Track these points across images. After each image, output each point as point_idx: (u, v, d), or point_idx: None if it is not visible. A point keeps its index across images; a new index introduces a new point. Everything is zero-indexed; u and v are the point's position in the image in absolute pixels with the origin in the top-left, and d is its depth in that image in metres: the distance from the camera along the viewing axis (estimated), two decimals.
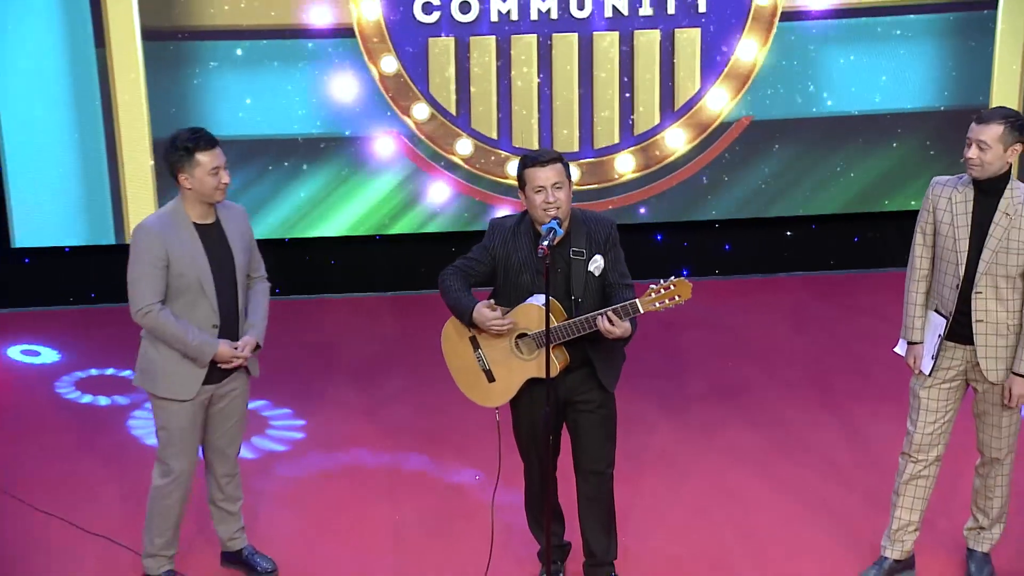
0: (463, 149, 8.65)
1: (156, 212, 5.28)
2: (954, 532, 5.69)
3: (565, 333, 4.98)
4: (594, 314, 4.94)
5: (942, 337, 5.18)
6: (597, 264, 5.11)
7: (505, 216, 5.28)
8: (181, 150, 5.04)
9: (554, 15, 8.44)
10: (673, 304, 4.89)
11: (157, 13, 8.27)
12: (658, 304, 4.89)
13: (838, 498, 6.17)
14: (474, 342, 5.20)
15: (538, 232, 5.02)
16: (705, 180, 8.86)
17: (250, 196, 8.36)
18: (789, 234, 9.17)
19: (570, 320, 4.98)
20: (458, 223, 8.76)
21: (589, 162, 8.73)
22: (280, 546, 5.81)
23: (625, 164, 8.76)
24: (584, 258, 5.09)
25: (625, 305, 4.90)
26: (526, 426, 5.28)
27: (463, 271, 5.19)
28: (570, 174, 5.08)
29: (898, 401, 5.43)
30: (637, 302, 4.89)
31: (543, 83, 8.57)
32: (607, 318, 4.89)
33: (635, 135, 8.72)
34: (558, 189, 4.99)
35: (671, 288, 4.87)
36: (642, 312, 4.90)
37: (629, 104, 8.64)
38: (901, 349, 5.37)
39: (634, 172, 8.78)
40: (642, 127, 8.70)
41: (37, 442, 6.88)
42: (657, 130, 8.71)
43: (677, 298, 4.88)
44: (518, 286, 5.12)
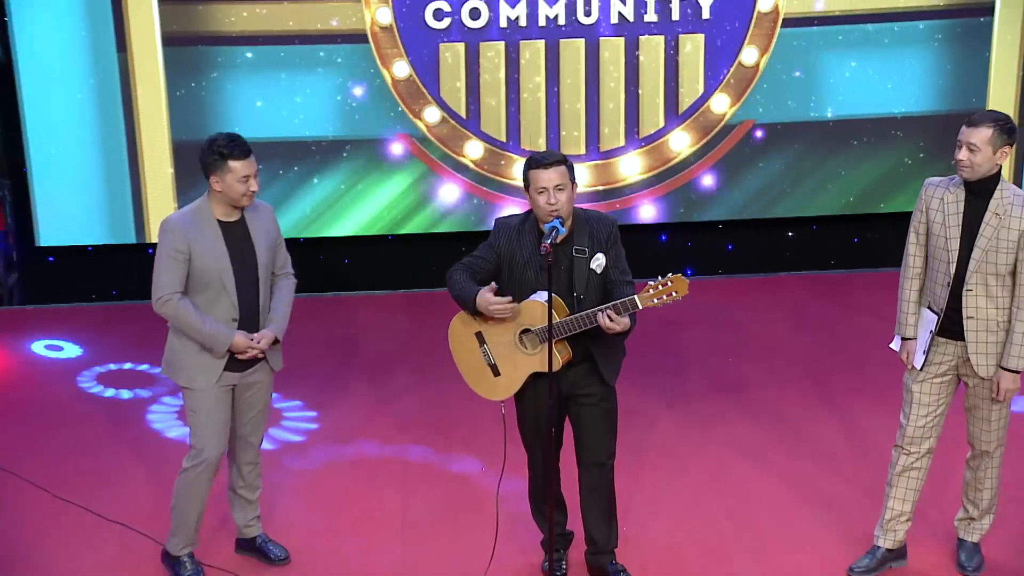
0: (473, 151, 8.68)
1: (182, 209, 5.31)
2: (945, 523, 5.70)
3: (567, 328, 5.00)
4: (595, 310, 4.95)
5: (933, 333, 5.19)
6: (599, 262, 5.12)
7: (510, 215, 5.30)
8: (216, 154, 5.09)
9: (562, 21, 8.47)
10: (670, 300, 4.90)
11: (177, 19, 8.31)
12: (656, 300, 4.91)
13: (833, 489, 6.17)
14: (480, 337, 5.22)
15: (542, 231, 5.04)
16: (708, 182, 8.87)
17: (266, 197, 8.31)
18: (790, 235, 9.18)
19: (572, 316, 5.00)
20: (468, 223, 8.78)
21: (595, 164, 8.76)
22: (292, 534, 5.82)
23: (631, 166, 8.79)
24: (586, 256, 5.10)
25: (624, 301, 4.92)
26: (530, 419, 5.29)
27: (469, 268, 5.20)
28: (574, 176, 5.08)
29: (893, 396, 5.44)
30: (636, 298, 4.91)
31: (551, 87, 8.59)
32: (607, 314, 4.91)
33: (640, 138, 8.74)
34: (560, 191, 5.00)
35: (668, 285, 4.89)
36: (640, 308, 4.91)
37: (634, 108, 8.66)
38: (895, 345, 5.38)
39: (639, 174, 8.81)
40: (647, 130, 8.73)
41: (59, 433, 6.91)
42: (662, 133, 8.73)
43: (674, 294, 4.89)
44: (522, 283, 5.13)
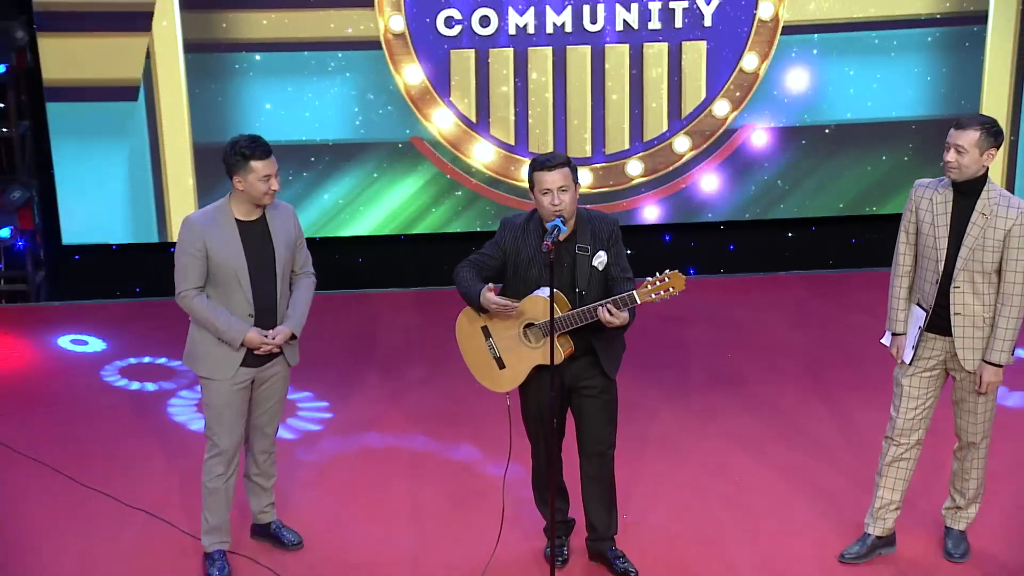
0: (483, 154, 8.67)
1: (205, 207, 5.35)
2: (933, 511, 5.72)
3: (569, 323, 5.03)
4: (595, 305, 4.98)
5: (922, 329, 5.22)
6: (600, 259, 5.15)
7: (516, 214, 5.31)
8: (238, 155, 5.13)
9: (568, 28, 8.45)
10: (668, 295, 4.94)
11: (198, 27, 8.30)
12: (654, 295, 4.94)
13: (826, 480, 6.18)
14: (485, 331, 5.25)
15: (546, 229, 5.05)
16: (710, 184, 8.83)
17: (284, 197, 8.19)
18: (790, 235, 9.13)
19: (574, 311, 5.03)
20: (477, 223, 8.75)
21: (601, 166, 8.74)
22: (306, 521, 5.85)
23: (635, 168, 8.77)
24: (588, 254, 5.13)
25: (623, 296, 4.95)
26: (533, 410, 5.32)
27: (476, 265, 5.23)
28: (577, 177, 5.10)
29: (886, 391, 5.43)
30: (635, 293, 4.94)
31: (558, 92, 8.56)
32: (607, 308, 4.94)
33: (644, 141, 8.70)
34: (564, 192, 5.02)
35: (666, 281, 4.92)
36: (639, 303, 4.94)
37: (639, 112, 8.63)
38: (886, 340, 5.41)
39: (643, 176, 8.79)
40: (651, 133, 8.69)
41: (83, 424, 6.94)
42: (665, 136, 8.70)
43: (671, 289, 4.92)
44: (527, 279, 5.16)
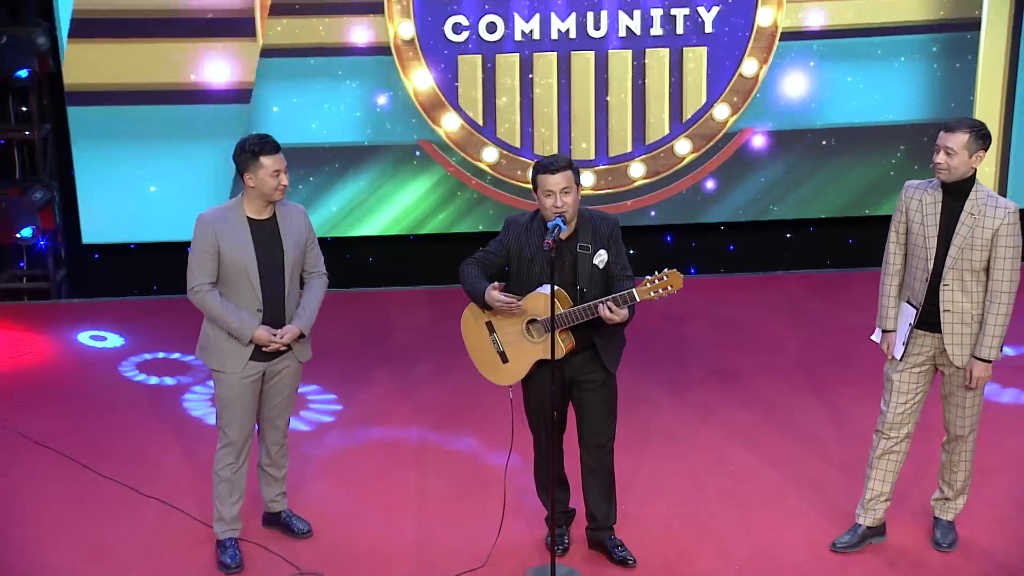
0: (489, 157, 8.72)
1: (217, 206, 5.38)
2: (923, 503, 5.73)
3: (571, 319, 5.05)
4: (596, 302, 5.00)
5: (912, 326, 5.23)
6: (601, 258, 5.16)
7: (520, 214, 5.34)
8: (248, 153, 5.17)
9: (573, 35, 8.49)
10: (666, 293, 4.95)
11: None
12: (652, 293, 4.95)
13: (819, 471, 6.20)
14: (489, 327, 5.27)
15: (548, 229, 5.04)
16: (711, 186, 8.87)
17: (296, 198, 8.34)
18: (788, 235, 9.17)
19: (575, 307, 5.05)
20: (484, 224, 8.79)
21: (604, 169, 8.78)
22: (316, 510, 5.87)
23: (637, 171, 8.80)
24: (589, 252, 5.15)
25: (623, 294, 4.97)
26: (535, 403, 5.34)
27: (481, 263, 5.25)
28: (579, 179, 5.12)
29: (878, 386, 5.46)
30: (634, 291, 4.96)
31: (562, 96, 8.60)
32: (607, 305, 4.96)
33: (646, 144, 8.73)
34: (566, 194, 5.04)
35: (664, 279, 4.94)
36: (638, 300, 4.96)
37: (641, 116, 8.66)
38: (876, 337, 5.43)
39: (645, 178, 8.82)
40: (653, 137, 8.72)
41: (102, 416, 6.97)
42: (667, 140, 8.73)
43: (670, 288, 4.94)
44: (529, 277, 5.18)
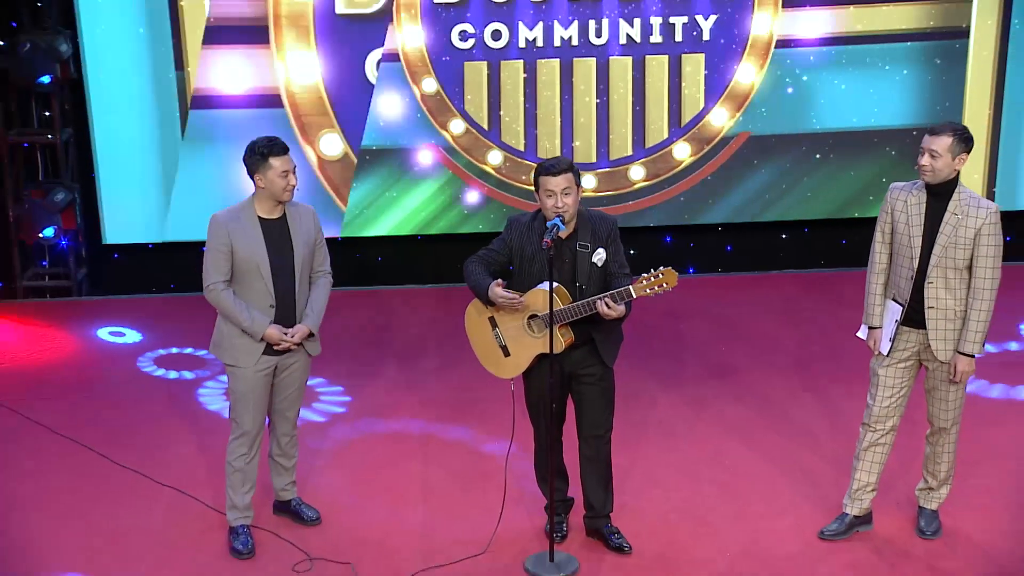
0: (494, 160, 8.70)
1: (231, 206, 5.42)
2: (908, 492, 5.76)
3: (570, 315, 5.09)
4: (594, 298, 5.03)
5: (898, 322, 5.26)
6: (600, 256, 5.20)
7: (522, 213, 5.37)
8: (257, 155, 5.21)
9: (575, 42, 8.48)
10: (661, 291, 4.99)
11: None
12: (648, 290, 4.99)
13: (810, 463, 6.22)
14: (492, 322, 5.30)
15: (547, 228, 5.09)
16: (708, 188, 8.86)
17: (307, 200, 8.43)
18: (783, 236, 9.13)
19: (574, 303, 5.09)
20: (489, 225, 8.76)
21: (605, 172, 8.76)
22: (324, 498, 5.91)
23: (637, 173, 8.78)
24: (588, 251, 5.18)
25: (620, 291, 5.00)
26: (535, 395, 5.37)
27: (484, 260, 5.29)
28: (579, 180, 5.15)
29: (867, 381, 5.52)
30: (631, 288, 4.99)
31: (565, 101, 8.60)
32: (605, 302, 4.99)
33: (646, 148, 8.72)
34: (567, 195, 5.07)
35: (660, 277, 4.98)
36: (635, 297, 5.00)
37: (641, 120, 8.65)
38: (863, 333, 5.45)
39: (645, 181, 8.80)
40: (652, 141, 8.71)
41: (120, 409, 7.00)
42: (665, 143, 8.72)
43: (665, 285, 4.97)
44: (531, 274, 5.22)
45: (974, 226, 5.11)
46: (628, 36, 8.51)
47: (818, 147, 8.84)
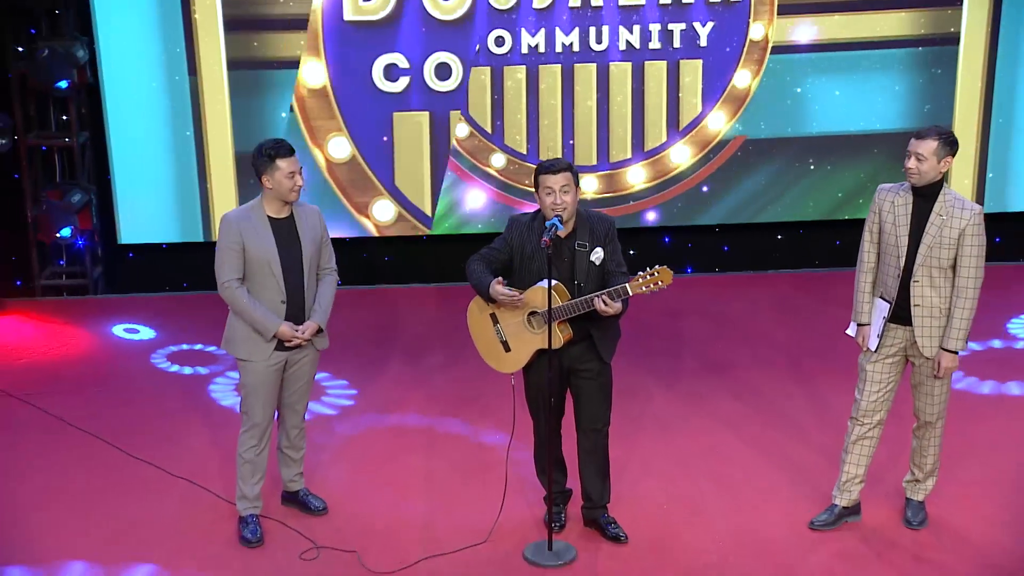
0: (497, 162, 8.71)
1: (240, 206, 5.48)
2: (895, 484, 5.79)
3: (568, 311, 5.12)
4: (591, 295, 5.06)
5: (886, 319, 5.30)
6: (597, 255, 5.23)
7: (522, 213, 5.41)
8: (265, 156, 5.27)
9: (576, 48, 8.51)
10: (657, 288, 5.01)
11: (240, 47, 8.40)
12: (644, 288, 5.01)
13: (801, 455, 6.24)
14: (493, 318, 5.34)
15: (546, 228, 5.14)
16: (706, 190, 8.87)
17: (316, 201, 8.42)
18: (779, 237, 9.14)
19: (572, 300, 5.12)
20: (493, 225, 8.77)
21: (605, 174, 8.78)
22: (331, 489, 5.95)
23: (636, 176, 8.81)
24: (587, 250, 5.21)
25: (617, 288, 5.03)
26: (535, 389, 5.41)
27: (486, 259, 5.32)
28: (577, 180, 5.19)
29: (857, 376, 5.57)
30: (627, 286, 5.02)
31: (566, 106, 8.61)
32: (603, 299, 5.03)
33: (645, 151, 8.74)
34: (565, 192, 5.11)
35: (655, 275, 5.00)
36: (631, 295, 5.02)
37: (640, 124, 8.66)
38: (852, 330, 5.48)
39: (644, 183, 8.82)
40: (651, 144, 8.73)
41: (134, 403, 7.04)
42: (664, 147, 8.74)
43: (660, 283, 5.00)
44: (531, 272, 5.25)
45: (958, 227, 5.14)
46: (628, 42, 8.54)
47: (812, 150, 8.86)
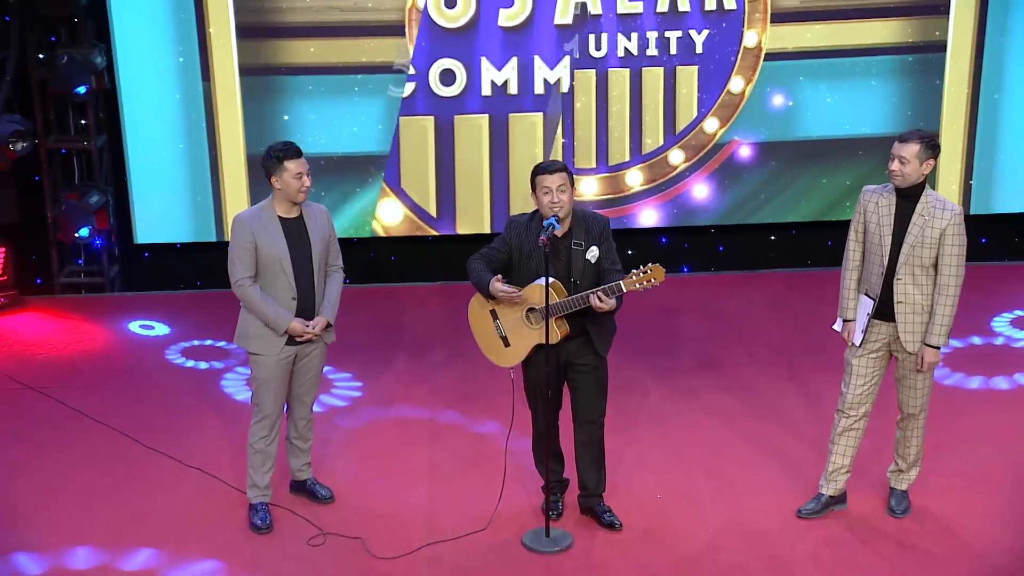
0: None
1: (251, 208, 5.54)
2: (880, 475, 5.83)
3: (565, 308, 5.17)
4: (587, 292, 5.11)
5: (870, 316, 5.35)
6: (593, 253, 5.27)
7: (520, 214, 5.45)
8: (274, 158, 5.33)
9: (576, 55, 8.55)
10: (650, 285, 5.05)
11: (252, 54, 8.44)
12: (638, 285, 5.06)
13: (790, 447, 6.28)
14: (493, 314, 5.39)
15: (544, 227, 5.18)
16: (701, 192, 8.89)
17: (324, 202, 8.40)
18: (772, 237, 9.17)
19: (569, 297, 5.17)
20: (493, 227, 8.84)
21: (605, 176, 8.81)
22: (337, 479, 5.99)
23: (634, 178, 8.83)
24: (583, 248, 5.26)
25: (611, 285, 5.08)
26: (533, 383, 5.45)
27: (486, 257, 5.37)
28: (573, 181, 5.24)
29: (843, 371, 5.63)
30: (621, 283, 5.07)
31: (567, 110, 8.64)
32: (598, 296, 5.07)
33: (643, 154, 8.77)
34: (562, 191, 5.16)
35: (648, 272, 5.05)
36: (625, 291, 5.07)
37: (638, 128, 8.69)
38: (838, 326, 5.52)
39: (642, 185, 8.84)
40: (649, 147, 8.76)
41: (149, 396, 7.09)
42: (661, 150, 8.76)
43: (653, 280, 5.04)
44: (529, 270, 5.30)
45: (939, 227, 5.19)
46: (626, 49, 8.57)
47: (804, 154, 8.88)
